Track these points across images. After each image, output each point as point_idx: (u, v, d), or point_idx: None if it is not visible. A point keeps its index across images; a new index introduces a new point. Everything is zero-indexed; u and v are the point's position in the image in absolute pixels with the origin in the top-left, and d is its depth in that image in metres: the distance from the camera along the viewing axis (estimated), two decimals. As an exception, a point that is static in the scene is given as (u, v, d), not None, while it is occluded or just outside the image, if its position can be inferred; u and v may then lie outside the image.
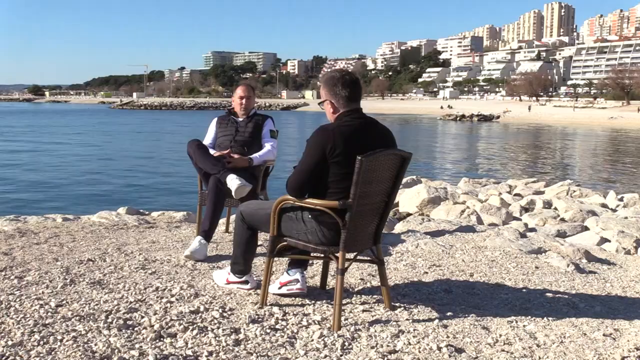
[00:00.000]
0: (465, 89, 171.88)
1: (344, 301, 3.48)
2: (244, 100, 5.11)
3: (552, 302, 3.85)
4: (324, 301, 3.54)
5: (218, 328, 3.01)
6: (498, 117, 76.64)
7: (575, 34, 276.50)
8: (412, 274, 4.35)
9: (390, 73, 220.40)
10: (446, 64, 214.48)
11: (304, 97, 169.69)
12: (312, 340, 2.92)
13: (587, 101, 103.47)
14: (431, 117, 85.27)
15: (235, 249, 3.63)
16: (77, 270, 4.01)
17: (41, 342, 2.72)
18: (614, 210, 9.68)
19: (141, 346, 2.74)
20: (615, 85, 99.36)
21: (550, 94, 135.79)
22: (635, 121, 62.26)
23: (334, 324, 3.08)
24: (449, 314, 3.40)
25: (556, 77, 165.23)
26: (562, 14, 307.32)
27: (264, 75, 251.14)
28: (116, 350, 2.67)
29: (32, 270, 3.98)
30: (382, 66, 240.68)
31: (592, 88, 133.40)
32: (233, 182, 4.54)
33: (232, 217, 5.37)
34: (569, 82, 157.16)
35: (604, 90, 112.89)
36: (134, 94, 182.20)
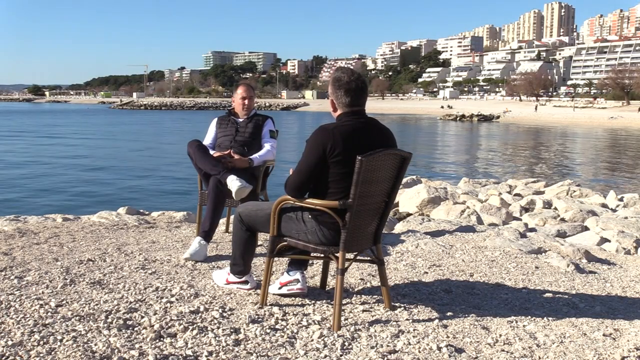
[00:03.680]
0: (465, 89, 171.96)
1: (344, 301, 3.48)
2: (246, 101, 5.11)
3: (552, 302, 3.85)
4: (324, 301, 3.54)
5: (218, 328, 3.01)
6: (498, 117, 76.61)
7: (575, 34, 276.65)
8: (412, 274, 4.35)
9: (390, 73, 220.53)
10: (446, 64, 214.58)
11: (304, 97, 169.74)
12: (312, 340, 2.92)
13: (587, 101, 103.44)
14: (431, 117, 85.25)
15: (234, 250, 3.63)
16: (77, 270, 4.01)
17: (41, 342, 2.72)
18: (614, 210, 9.68)
19: (141, 346, 2.74)
20: (615, 85, 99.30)
21: (550, 94, 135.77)
22: (635, 121, 62.23)
23: (334, 324, 3.08)
24: (449, 314, 3.40)
25: (556, 77, 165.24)
26: (562, 14, 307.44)
27: (264, 75, 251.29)
28: (116, 350, 2.67)
29: (32, 270, 3.98)
30: (382, 66, 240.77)
31: (592, 88, 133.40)
32: (233, 183, 4.54)
33: (232, 217, 5.37)
34: (569, 82, 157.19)
35: (604, 90, 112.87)
36: (134, 94, 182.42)
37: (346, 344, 2.90)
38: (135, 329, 2.95)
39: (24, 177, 20.39)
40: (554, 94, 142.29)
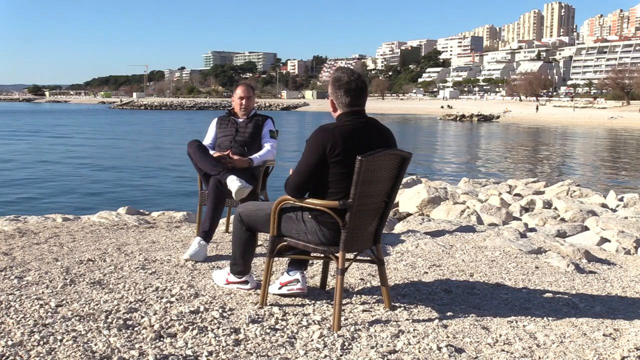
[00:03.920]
0: (465, 89, 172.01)
1: (344, 301, 3.48)
2: (244, 101, 5.11)
3: (552, 302, 3.85)
4: (324, 301, 3.54)
5: (218, 328, 3.01)
6: (498, 117, 76.58)
7: (575, 34, 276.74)
8: (412, 274, 4.35)
9: (390, 73, 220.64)
10: (446, 64, 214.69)
11: (304, 97, 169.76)
12: (312, 340, 2.92)
13: (587, 101, 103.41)
14: (431, 117, 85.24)
15: (234, 250, 3.63)
16: (77, 270, 4.01)
17: (41, 342, 2.72)
18: (614, 210, 9.68)
19: (141, 346, 2.74)
20: (615, 85, 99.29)
21: (550, 94, 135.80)
22: (635, 121, 62.22)
23: (334, 324, 3.08)
24: (449, 314, 3.40)
25: (556, 77, 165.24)
26: (562, 14, 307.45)
27: (264, 75, 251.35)
28: (116, 350, 2.67)
29: (32, 270, 3.98)
30: (382, 66, 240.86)
31: (592, 88, 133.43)
32: (233, 183, 4.54)
33: (232, 217, 5.37)
34: (569, 82, 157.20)
35: (604, 90, 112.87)
36: (134, 94, 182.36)
37: (346, 344, 2.90)
38: (135, 329, 2.95)
39: (24, 177, 20.39)
40: (554, 94, 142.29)
